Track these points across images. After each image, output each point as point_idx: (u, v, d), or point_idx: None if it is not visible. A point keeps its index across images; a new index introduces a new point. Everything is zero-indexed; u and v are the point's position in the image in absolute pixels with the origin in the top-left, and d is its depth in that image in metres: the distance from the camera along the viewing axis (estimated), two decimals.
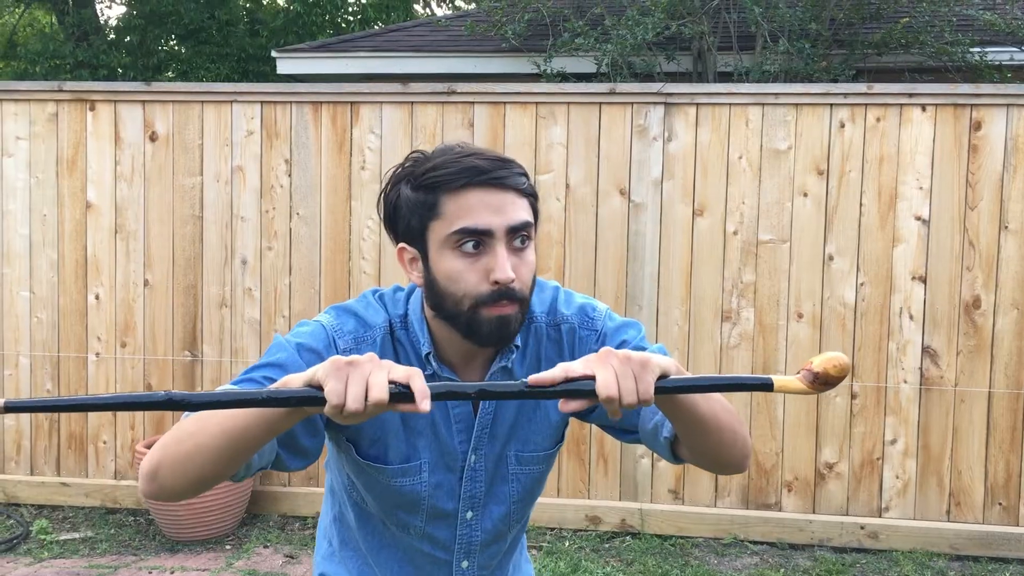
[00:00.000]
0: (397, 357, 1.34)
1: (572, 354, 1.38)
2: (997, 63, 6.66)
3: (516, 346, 1.35)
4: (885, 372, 4.01)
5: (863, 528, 4.04)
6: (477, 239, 1.23)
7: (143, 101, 4.34)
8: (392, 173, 1.32)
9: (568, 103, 4.14)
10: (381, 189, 1.34)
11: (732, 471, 1.35)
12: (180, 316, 4.35)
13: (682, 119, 4.08)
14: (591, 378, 1.06)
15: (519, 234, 1.25)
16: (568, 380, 1.07)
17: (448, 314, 1.27)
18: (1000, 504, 3.99)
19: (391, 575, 1.47)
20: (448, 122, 4.18)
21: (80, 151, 4.37)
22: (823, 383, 1.07)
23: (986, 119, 3.91)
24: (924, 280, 3.97)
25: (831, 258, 4.02)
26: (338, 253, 4.27)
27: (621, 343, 1.37)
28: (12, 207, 4.41)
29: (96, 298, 4.38)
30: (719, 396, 1.25)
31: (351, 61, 7.68)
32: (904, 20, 6.50)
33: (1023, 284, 3.92)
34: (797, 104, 4.02)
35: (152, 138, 4.34)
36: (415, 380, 1.03)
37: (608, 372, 1.06)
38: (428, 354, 1.32)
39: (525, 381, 1.09)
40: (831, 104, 4.01)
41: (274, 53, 8.05)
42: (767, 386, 1.08)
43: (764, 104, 4.04)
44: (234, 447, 1.13)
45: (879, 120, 3.98)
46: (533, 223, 1.28)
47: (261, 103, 4.28)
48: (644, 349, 1.34)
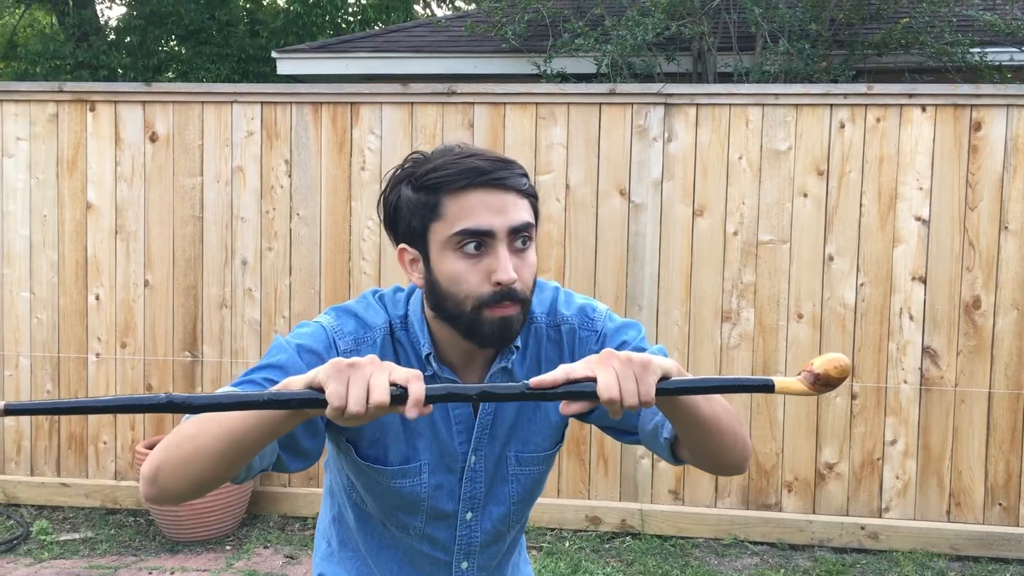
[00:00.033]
0: (397, 358, 1.33)
1: (572, 355, 1.38)
2: (997, 63, 6.66)
3: (516, 347, 1.35)
4: (885, 372, 4.01)
5: (863, 528, 4.04)
6: (479, 240, 1.23)
7: (143, 102, 4.34)
8: (392, 174, 1.32)
9: (568, 104, 4.14)
10: (381, 190, 1.34)
11: (732, 472, 1.35)
12: (180, 317, 4.36)
13: (682, 120, 4.08)
14: (592, 380, 1.06)
15: (520, 235, 1.25)
16: (569, 382, 1.07)
17: (449, 315, 1.27)
18: (1000, 504, 3.99)
19: None
20: (448, 123, 4.18)
21: (80, 152, 4.37)
22: (824, 384, 1.07)
23: (986, 119, 3.92)
24: (924, 280, 3.97)
25: (831, 258, 4.02)
26: (338, 254, 4.27)
27: (621, 344, 1.37)
28: (12, 208, 4.42)
29: (96, 299, 4.38)
30: (720, 397, 1.25)
31: (351, 62, 7.69)
32: (904, 21, 6.50)
33: (1023, 284, 3.92)
34: (797, 105, 4.02)
35: (152, 139, 4.34)
36: (413, 384, 1.03)
37: (609, 374, 1.06)
38: (428, 355, 1.32)
39: (526, 383, 1.09)
40: (831, 105, 4.01)
41: (274, 54, 8.06)
42: (768, 388, 1.08)
43: (764, 105, 4.04)
44: (235, 449, 1.13)
45: (879, 120, 3.98)
46: (534, 224, 1.28)
47: (261, 104, 4.28)
48: (644, 350, 1.34)
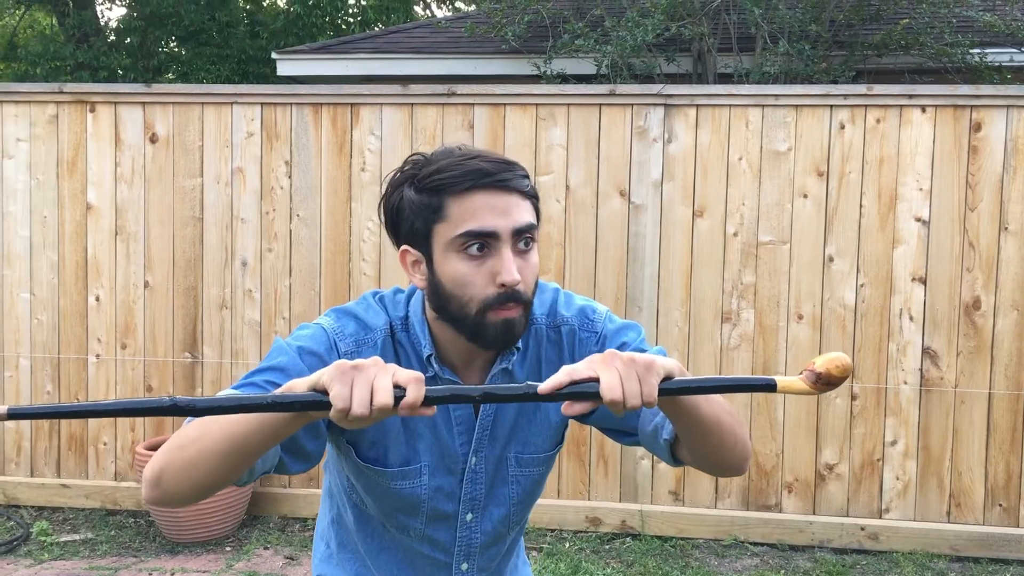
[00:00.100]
0: (398, 359, 1.33)
1: (572, 356, 1.38)
2: (997, 64, 6.67)
3: (517, 348, 1.35)
4: (885, 373, 4.01)
5: (863, 529, 4.04)
6: (483, 241, 1.23)
7: (143, 103, 4.35)
8: (394, 176, 1.32)
9: (568, 104, 4.14)
10: (383, 192, 1.34)
11: (732, 473, 1.35)
12: (180, 318, 4.36)
13: (682, 120, 4.08)
14: (595, 380, 1.06)
15: (524, 236, 1.25)
16: (573, 383, 1.07)
17: (453, 317, 1.27)
18: (1000, 505, 3.99)
19: None
20: (448, 124, 4.18)
21: (80, 153, 4.38)
22: (825, 383, 1.08)
23: (986, 120, 3.92)
24: (924, 281, 3.97)
25: (831, 259, 4.02)
26: (338, 255, 4.27)
27: (621, 345, 1.37)
28: (12, 209, 4.42)
29: (96, 300, 4.38)
30: (720, 398, 1.25)
31: (351, 63, 7.68)
32: (904, 21, 6.50)
33: (1023, 285, 3.93)
34: (797, 105, 4.02)
35: (152, 140, 4.34)
36: (411, 386, 1.02)
37: (612, 374, 1.06)
38: (429, 356, 1.32)
39: (529, 383, 1.09)
40: (831, 105, 4.01)
41: (274, 55, 8.05)
42: (770, 387, 1.09)
43: (764, 105, 4.04)
44: (238, 452, 1.13)
45: (879, 121, 3.98)
46: (536, 225, 1.28)
47: (261, 105, 4.28)
48: (644, 351, 1.34)
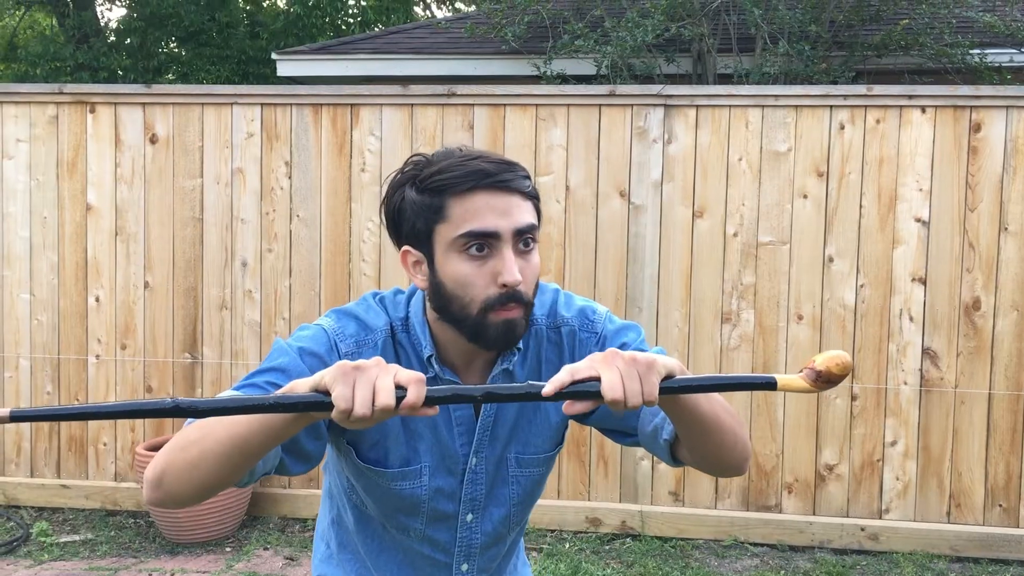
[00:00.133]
0: (398, 360, 1.33)
1: (572, 356, 1.38)
2: (997, 65, 6.67)
3: (518, 348, 1.35)
4: (885, 374, 4.01)
5: (863, 530, 4.04)
6: (484, 242, 1.23)
7: (143, 103, 4.35)
8: (395, 176, 1.32)
9: (568, 105, 4.14)
10: (384, 192, 1.34)
11: (732, 474, 1.35)
12: (180, 318, 4.36)
13: (682, 121, 4.08)
14: (596, 379, 1.06)
15: (525, 236, 1.26)
16: (575, 382, 1.07)
17: (454, 318, 1.27)
18: (1000, 506, 3.99)
19: None
20: (448, 124, 4.18)
21: (80, 153, 4.38)
22: (826, 381, 1.08)
23: (986, 121, 3.92)
24: (924, 282, 3.97)
25: (831, 260, 4.02)
26: (338, 255, 4.27)
27: (621, 346, 1.37)
28: (12, 209, 4.42)
29: (96, 300, 4.38)
30: (720, 398, 1.26)
31: (351, 63, 7.68)
32: (904, 22, 6.50)
33: (1023, 286, 3.93)
34: (797, 106, 4.02)
35: (152, 140, 4.35)
36: (412, 387, 1.03)
37: (613, 373, 1.06)
38: (430, 357, 1.32)
39: (530, 382, 1.09)
40: (831, 106, 4.01)
41: (274, 55, 8.06)
42: (771, 385, 1.09)
43: (764, 106, 4.04)
44: (240, 453, 1.13)
45: (879, 122, 3.98)
46: (537, 226, 1.29)
47: (261, 105, 4.28)
48: (644, 352, 1.34)
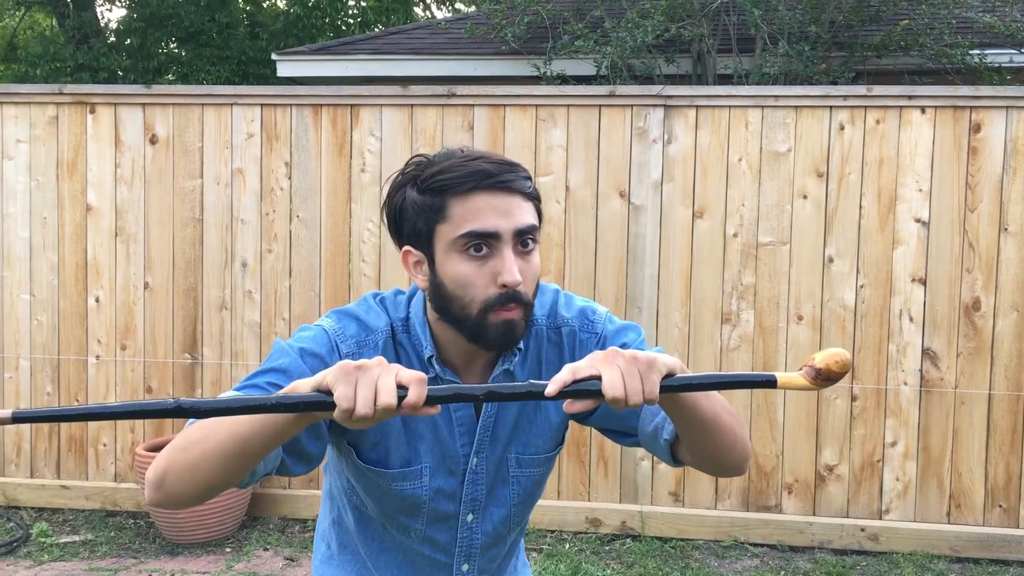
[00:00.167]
0: (399, 360, 1.33)
1: (572, 357, 1.38)
2: (996, 65, 6.67)
3: (519, 349, 1.36)
4: (885, 374, 4.01)
5: (863, 530, 4.04)
6: (484, 242, 1.24)
7: (143, 104, 4.35)
8: (397, 177, 1.32)
9: (568, 105, 4.14)
10: (387, 193, 1.34)
11: (732, 473, 1.35)
12: (180, 319, 4.36)
13: (682, 121, 4.08)
14: (597, 378, 1.07)
15: (525, 237, 1.26)
16: (575, 381, 1.07)
17: (454, 318, 1.27)
18: (1000, 506, 3.99)
19: None
20: (448, 125, 4.18)
21: (80, 154, 4.38)
22: (825, 379, 1.08)
23: (985, 121, 3.92)
24: (924, 282, 3.97)
25: (831, 260, 4.02)
26: (338, 255, 4.27)
27: (622, 346, 1.37)
28: (12, 210, 4.42)
29: (96, 301, 4.38)
30: (721, 398, 1.26)
31: (351, 64, 7.68)
32: (904, 22, 6.51)
33: (1023, 286, 3.93)
34: (797, 106, 4.03)
35: (152, 141, 4.35)
36: (413, 386, 1.03)
37: (614, 372, 1.06)
38: (431, 357, 1.33)
39: (532, 381, 1.10)
40: (831, 106, 4.01)
41: (274, 56, 8.06)
42: (771, 383, 1.09)
43: (764, 106, 4.04)
44: (241, 454, 1.14)
45: (879, 122, 3.98)
46: (538, 227, 1.29)
47: (261, 106, 4.28)
48: None
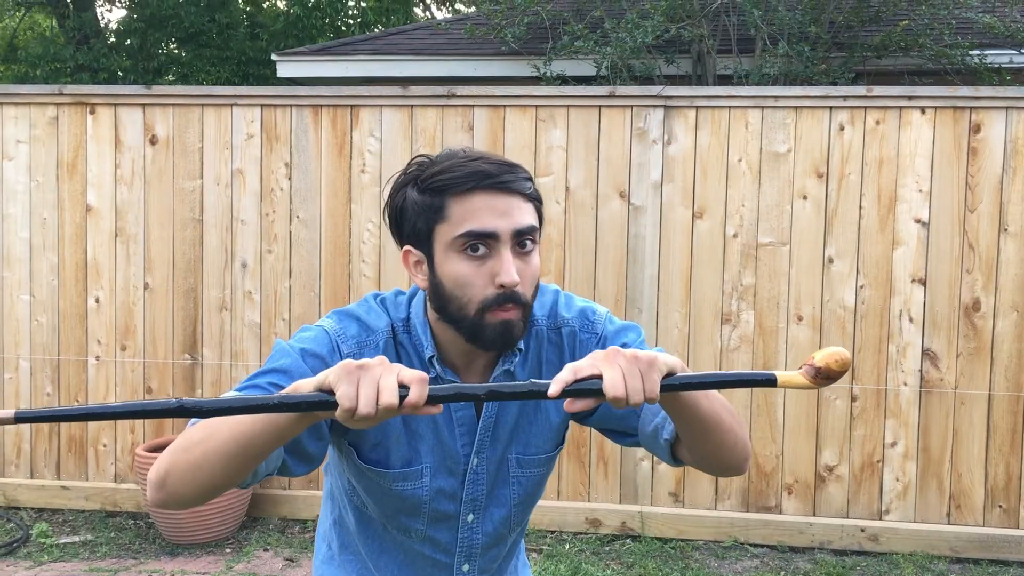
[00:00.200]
0: (400, 361, 1.33)
1: (572, 357, 1.38)
2: (996, 66, 6.67)
3: (520, 349, 1.36)
4: (885, 374, 4.01)
5: (863, 531, 4.04)
6: (483, 242, 1.24)
7: (143, 104, 4.35)
8: (398, 177, 1.33)
9: (568, 106, 4.14)
10: (388, 192, 1.35)
11: (732, 473, 1.36)
12: (180, 319, 4.36)
13: (682, 122, 4.09)
14: (598, 377, 1.07)
15: (524, 238, 1.26)
16: (576, 380, 1.07)
17: (453, 318, 1.27)
18: (1000, 507, 3.99)
19: None
20: (448, 125, 4.18)
21: (80, 154, 4.38)
22: (825, 377, 1.09)
23: (985, 121, 3.92)
24: (924, 283, 3.97)
25: (831, 261, 4.02)
26: (338, 256, 4.27)
27: (622, 346, 1.37)
28: (12, 210, 4.42)
29: (96, 301, 4.38)
30: (721, 398, 1.26)
31: (351, 64, 7.69)
32: (903, 23, 6.51)
33: (1023, 286, 3.93)
34: (797, 107, 4.03)
35: (152, 141, 4.35)
36: (414, 386, 1.03)
37: (615, 371, 1.07)
38: (431, 357, 1.33)
39: (533, 381, 1.10)
40: (831, 107, 4.01)
41: (274, 56, 8.06)
42: (771, 382, 1.10)
43: (764, 107, 4.04)
44: (243, 454, 1.14)
45: (879, 123, 3.98)
46: (538, 227, 1.29)
47: (261, 106, 4.28)
48: None
